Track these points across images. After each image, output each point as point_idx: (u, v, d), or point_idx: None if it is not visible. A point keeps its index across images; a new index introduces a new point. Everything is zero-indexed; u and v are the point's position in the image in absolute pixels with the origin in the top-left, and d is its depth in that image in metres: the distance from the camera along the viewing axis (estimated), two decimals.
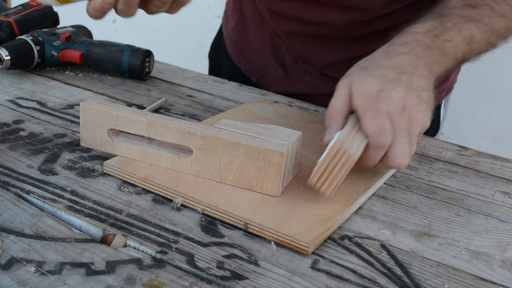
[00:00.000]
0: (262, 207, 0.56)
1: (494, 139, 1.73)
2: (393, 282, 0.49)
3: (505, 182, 0.70)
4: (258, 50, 1.04)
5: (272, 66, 1.02)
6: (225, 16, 1.13)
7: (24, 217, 0.53)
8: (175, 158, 0.61)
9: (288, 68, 1.03)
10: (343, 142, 0.56)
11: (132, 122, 0.61)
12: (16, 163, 0.63)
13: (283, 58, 1.02)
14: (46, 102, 0.81)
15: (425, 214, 0.61)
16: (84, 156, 0.66)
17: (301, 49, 0.98)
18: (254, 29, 1.03)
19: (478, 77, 1.68)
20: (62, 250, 0.49)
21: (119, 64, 0.91)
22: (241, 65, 1.08)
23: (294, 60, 1.01)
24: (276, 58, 1.02)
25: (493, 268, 0.52)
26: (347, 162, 0.56)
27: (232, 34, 1.09)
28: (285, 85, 1.03)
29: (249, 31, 1.04)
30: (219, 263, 0.49)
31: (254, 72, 1.06)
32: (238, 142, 0.58)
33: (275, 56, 1.02)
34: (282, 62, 1.02)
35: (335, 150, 0.56)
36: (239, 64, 1.08)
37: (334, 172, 0.56)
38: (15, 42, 0.87)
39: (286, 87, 1.02)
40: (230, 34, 1.09)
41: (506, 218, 0.61)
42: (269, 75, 1.04)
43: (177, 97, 0.88)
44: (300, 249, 0.52)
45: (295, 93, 1.00)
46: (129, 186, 0.60)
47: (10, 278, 0.45)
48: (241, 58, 1.08)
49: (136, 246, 0.51)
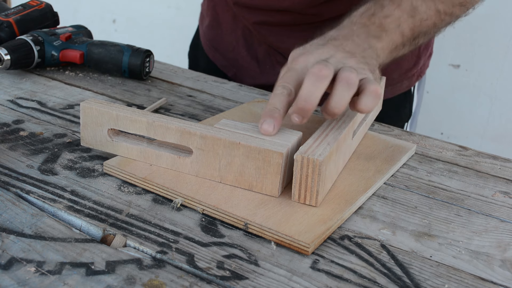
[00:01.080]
0: (262, 207, 0.56)
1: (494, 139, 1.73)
2: (393, 282, 0.49)
3: (505, 182, 0.70)
4: (232, 45, 1.08)
5: (246, 59, 1.06)
6: (201, 16, 1.18)
7: (24, 217, 0.53)
8: (175, 158, 0.61)
9: (261, 61, 1.07)
10: (305, 152, 0.56)
11: (132, 122, 0.61)
12: (16, 163, 0.63)
13: (256, 52, 1.05)
14: (46, 102, 0.81)
15: (425, 214, 0.61)
16: (84, 156, 0.66)
17: (270, 39, 1.02)
18: (227, 25, 1.08)
19: (478, 77, 1.68)
20: (62, 250, 0.49)
21: (119, 64, 0.91)
22: (217, 61, 1.12)
23: (266, 53, 1.05)
24: (249, 52, 1.06)
25: (493, 268, 0.52)
26: (315, 168, 0.55)
27: (207, 32, 1.13)
28: (259, 77, 1.06)
29: (222, 28, 1.09)
30: (219, 263, 0.49)
31: (230, 67, 1.10)
32: (238, 142, 0.58)
33: (248, 50, 1.06)
34: (255, 56, 1.06)
35: (299, 162, 0.56)
36: (215, 60, 1.12)
37: (309, 182, 0.56)
38: (15, 42, 0.87)
39: (260, 79, 1.06)
40: (206, 32, 1.14)
41: (506, 218, 0.61)
42: (244, 69, 1.07)
43: (177, 97, 0.88)
44: (300, 249, 0.52)
45: (268, 84, 1.03)
46: (129, 186, 0.60)
47: (10, 278, 0.45)
48: (216, 55, 1.12)
49: (136, 246, 0.51)
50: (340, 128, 0.62)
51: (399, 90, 1.04)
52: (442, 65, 1.71)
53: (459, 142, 0.82)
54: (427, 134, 0.85)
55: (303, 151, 0.56)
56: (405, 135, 0.80)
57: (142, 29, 2.31)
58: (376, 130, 0.81)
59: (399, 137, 0.79)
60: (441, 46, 1.69)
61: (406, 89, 1.05)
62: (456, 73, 1.71)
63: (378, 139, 0.75)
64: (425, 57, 1.06)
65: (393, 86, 1.02)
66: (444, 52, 1.69)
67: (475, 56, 1.66)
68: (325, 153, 0.56)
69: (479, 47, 1.65)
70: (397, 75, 1.02)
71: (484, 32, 1.63)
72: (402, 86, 1.04)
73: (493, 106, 1.70)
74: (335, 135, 0.60)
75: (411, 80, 1.05)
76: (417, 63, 1.04)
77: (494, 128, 1.72)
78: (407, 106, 1.07)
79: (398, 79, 1.02)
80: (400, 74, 1.02)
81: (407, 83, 1.04)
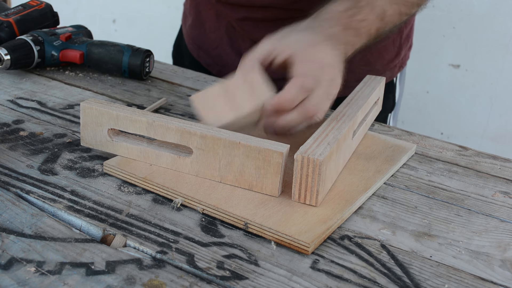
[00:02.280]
0: (262, 207, 0.56)
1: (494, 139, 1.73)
2: (393, 282, 0.49)
3: (505, 182, 0.70)
4: (216, 42, 1.08)
5: (230, 56, 1.06)
6: (184, 16, 1.19)
7: (24, 217, 0.53)
8: (175, 158, 0.61)
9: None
10: (305, 152, 0.56)
11: (132, 122, 0.61)
12: (16, 163, 0.63)
13: (239, 48, 1.06)
14: (46, 102, 0.81)
15: (425, 214, 0.61)
16: (84, 156, 0.66)
17: (254, 35, 1.02)
18: (210, 23, 1.08)
19: (478, 77, 1.68)
20: (62, 250, 0.49)
21: (119, 64, 0.91)
22: (201, 60, 1.13)
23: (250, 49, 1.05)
24: (233, 48, 1.07)
25: (493, 268, 0.52)
26: (315, 168, 0.55)
27: (190, 31, 1.14)
28: None
29: (206, 26, 1.09)
30: (219, 263, 0.49)
31: (214, 65, 1.11)
32: (238, 142, 0.58)
33: (232, 46, 1.07)
34: (239, 52, 1.07)
35: (299, 162, 0.56)
36: (200, 58, 1.13)
37: (309, 182, 0.56)
38: (15, 42, 0.87)
39: None
40: (189, 31, 1.14)
41: (506, 218, 0.61)
42: (228, 66, 1.08)
43: (177, 97, 0.88)
44: (300, 249, 0.52)
45: None
46: (129, 186, 0.60)
47: (10, 278, 0.45)
48: (201, 53, 1.12)
49: (136, 246, 0.51)
50: (340, 128, 0.62)
51: None
52: (442, 65, 1.71)
53: (459, 142, 0.82)
54: (427, 134, 0.85)
55: (303, 151, 0.56)
56: (405, 135, 0.80)
57: (142, 29, 2.31)
58: (376, 130, 0.81)
59: (399, 137, 0.78)
60: (441, 46, 1.69)
61: (389, 80, 1.07)
62: (456, 73, 1.71)
63: (378, 139, 0.75)
64: (406, 48, 1.09)
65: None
66: (444, 52, 1.69)
67: (475, 56, 1.66)
68: (325, 153, 0.56)
69: (479, 47, 1.65)
70: (380, 66, 1.04)
71: (484, 32, 1.63)
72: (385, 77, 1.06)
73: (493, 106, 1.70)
74: (335, 135, 0.60)
75: (393, 71, 1.07)
76: (399, 54, 1.07)
77: (494, 128, 1.72)
78: (390, 97, 1.10)
79: (381, 70, 1.04)
80: (382, 65, 1.04)
81: (389, 74, 1.07)
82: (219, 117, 0.63)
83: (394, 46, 1.05)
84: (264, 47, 0.67)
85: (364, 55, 1.01)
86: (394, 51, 1.05)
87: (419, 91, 1.76)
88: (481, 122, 1.73)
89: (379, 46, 1.02)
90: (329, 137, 0.60)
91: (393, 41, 1.04)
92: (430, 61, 1.72)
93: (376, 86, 0.76)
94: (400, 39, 1.05)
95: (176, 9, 2.23)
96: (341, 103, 0.69)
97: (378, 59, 1.03)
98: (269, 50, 0.67)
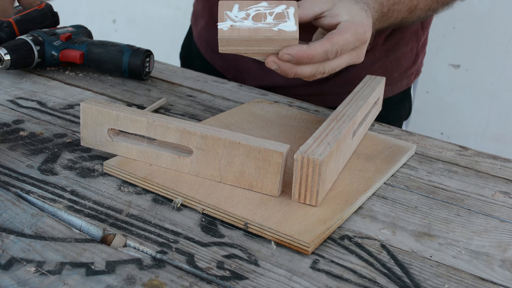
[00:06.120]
0: (262, 207, 0.56)
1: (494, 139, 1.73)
2: (393, 282, 0.49)
3: (505, 182, 0.70)
4: None
5: (246, 61, 1.05)
6: (194, 17, 1.17)
7: (24, 217, 0.53)
8: (175, 158, 0.61)
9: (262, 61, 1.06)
10: (305, 152, 0.56)
11: (132, 122, 0.61)
12: (16, 163, 0.63)
13: None
14: (46, 102, 0.81)
15: (425, 214, 0.61)
16: (84, 156, 0.66)
17: None
18: None
19: (478, 77, 1.68)
20: (62, 250, 0.49)
21: (119, 64, 0.91)
22: (215, 63, 1.11)
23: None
24: None
25: (493, 268, 0.52)
26: (316, 168, 0.55)
27: (203, 33, 1.12)
28: (261, 78, 1.05)
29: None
30: (219, 263, 0.49)
31: (230, 69, 1.09)
32: (238, 142, 0.58)
33: None
34: None
35: (299, 162, 0.56)
36: (213, 62, 1.12)
37: (309, 182, 0.56)
38: (15, 42, 0.87)
39: (262, 80, 1.05)
40: (202, 33, 1.13)
41: (506, 218, 0.61)
42: (245, 70, 1.07)
43: (177, 97, 0.88)
44: (300, 249, 0.52)
45: (271, 85, 1.03)
46: (129, 186, 0.60)
47: (10, 278, 0.45)
48: (214, 56, 1.11)
49: (136, 246, 0.51)
50: (340, 128, 0.62)
51: (399, 88, 1.05)
52: (442, 65, 1.71)
53: (459, 142, 0.82)
54: (427, 134, 0.85)
55: (303, 151, 0.56)
56: (405, 135, 0.80)
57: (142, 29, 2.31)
58: (376, 130, 0.81)
59: (399, 137, 0.79)
60: (441, 46, 1.69)
61: (405, 87, 1.06)
62: (456, 73, 1.70)
63: (378, 139, 0.75)
64: (422, 55, 1.09)
65: (393, 85, 1.03)
66: (444, 52, 1.69)
67: (475, 56, 1.66)
68: (325, 152, 0.56)
69: (479, 47, 1.65)
70: (397, 74, 1.03)
71: (484, 32, 1.63)
72: (402, 85, 1.06)
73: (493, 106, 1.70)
74: (335, 135, 0.60)
75: (410, 78, 1.07)
76: (416, 62, 1.07)
77: (494, 128, 1.72)
78: (406, 105, 1.10)
79: (398, 78, 1.04)
80: (400, 73, 1.04)
81: (406, 81, 1.06)
82: (237, 30, 0.64)
83: (411, 54, 1.04)
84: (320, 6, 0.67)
85: (383, 63, 1.00)
86: (412, 59, 1.05)
87: (419, 91, 1.76)
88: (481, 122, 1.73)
89: (398, 53, 1.02)
90: (329, 137, 0.60)
91: (411, 49, 1.03)
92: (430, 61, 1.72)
93: (376, 86, 0.76)
94: (417, 47, 1.05)
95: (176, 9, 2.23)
96: (341, 103, 0.69)
97: (396, 67, 1.03)
98: (324, 10, 0.67)
